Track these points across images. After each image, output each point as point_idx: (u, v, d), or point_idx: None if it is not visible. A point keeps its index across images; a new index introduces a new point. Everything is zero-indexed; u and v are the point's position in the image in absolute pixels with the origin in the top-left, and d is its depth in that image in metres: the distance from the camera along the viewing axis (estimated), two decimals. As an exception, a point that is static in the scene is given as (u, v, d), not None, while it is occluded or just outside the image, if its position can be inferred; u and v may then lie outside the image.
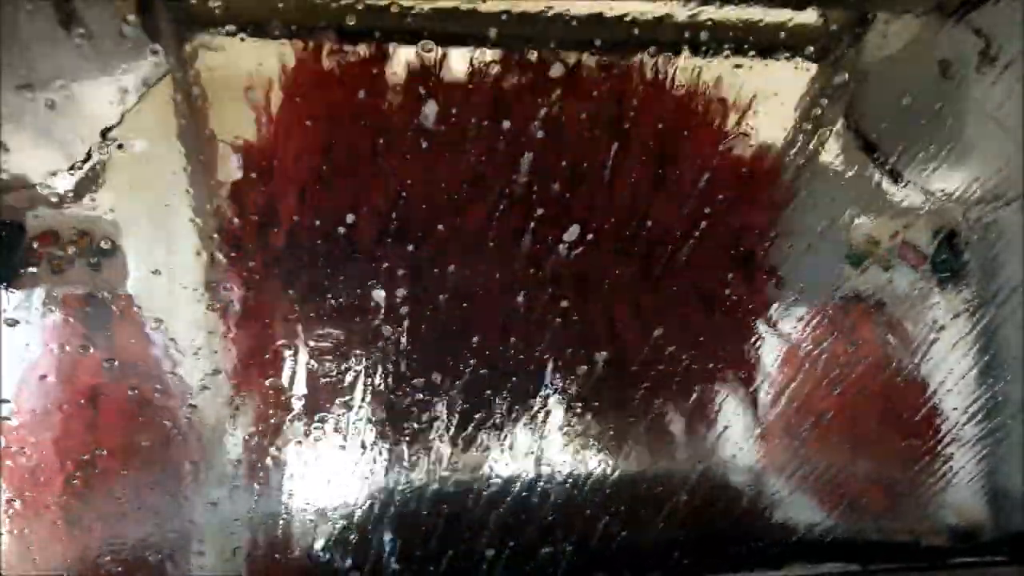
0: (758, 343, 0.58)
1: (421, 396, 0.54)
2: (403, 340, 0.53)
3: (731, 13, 0.50)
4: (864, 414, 0.60)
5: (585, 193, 0.52)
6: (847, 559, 0.61)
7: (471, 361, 0.54)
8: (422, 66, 0.48)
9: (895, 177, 0.57)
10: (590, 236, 0.53)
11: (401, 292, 0.52)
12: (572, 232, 0.53)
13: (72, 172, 0.47)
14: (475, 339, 0.54)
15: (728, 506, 0.59)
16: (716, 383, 0.58)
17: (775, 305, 0.57)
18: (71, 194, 0.47)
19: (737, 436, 0.59)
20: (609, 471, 0.58)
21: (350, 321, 0.52)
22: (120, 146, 0.47)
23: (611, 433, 0.57)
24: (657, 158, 0.52)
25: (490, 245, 0.52)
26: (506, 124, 0.50)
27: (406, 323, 0.52)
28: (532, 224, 0.52)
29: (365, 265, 0.51)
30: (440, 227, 0.51)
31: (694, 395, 0.58)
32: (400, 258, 0.51)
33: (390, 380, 0.54)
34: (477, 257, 0.52)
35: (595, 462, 0.58)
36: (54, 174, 0.47)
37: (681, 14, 0.50)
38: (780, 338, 0.58)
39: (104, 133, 0.47)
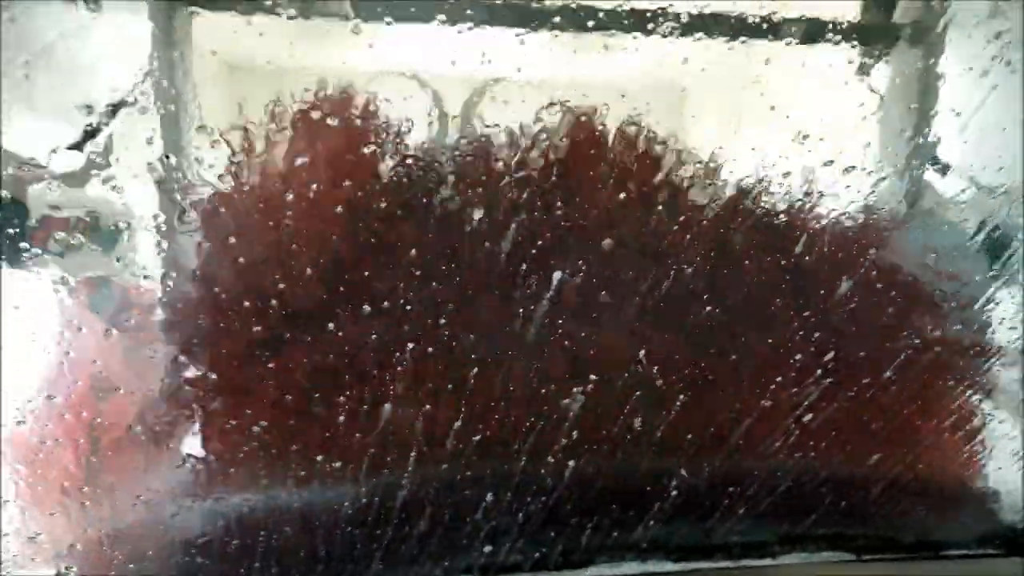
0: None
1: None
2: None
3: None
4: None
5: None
6: (842, 549, 0.62)
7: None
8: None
9: (943, 170, 0.56)
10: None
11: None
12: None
13: (77, 150, 0.46)
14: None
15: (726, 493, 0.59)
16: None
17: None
18: (76, 172, 0.46)
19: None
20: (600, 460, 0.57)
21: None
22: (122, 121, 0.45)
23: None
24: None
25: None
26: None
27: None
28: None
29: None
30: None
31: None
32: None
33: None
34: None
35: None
36: (57, 151, 0.46)
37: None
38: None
39: (111, 109, 0.46)
